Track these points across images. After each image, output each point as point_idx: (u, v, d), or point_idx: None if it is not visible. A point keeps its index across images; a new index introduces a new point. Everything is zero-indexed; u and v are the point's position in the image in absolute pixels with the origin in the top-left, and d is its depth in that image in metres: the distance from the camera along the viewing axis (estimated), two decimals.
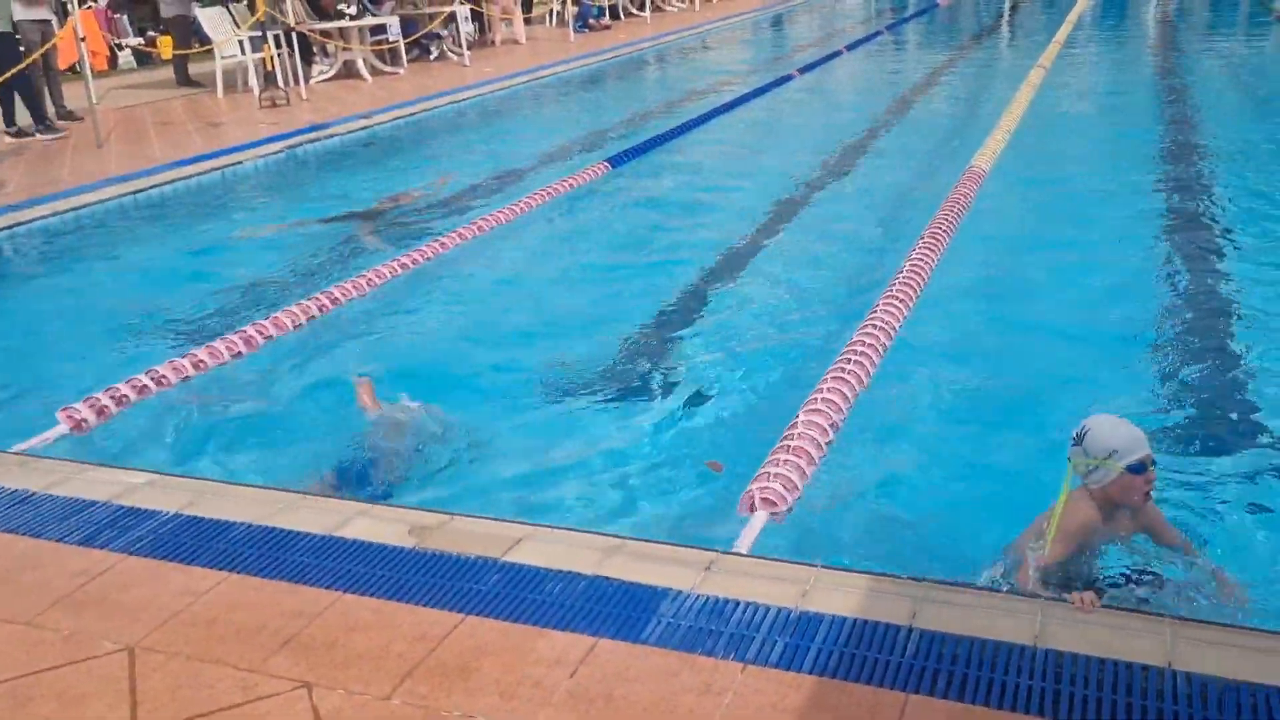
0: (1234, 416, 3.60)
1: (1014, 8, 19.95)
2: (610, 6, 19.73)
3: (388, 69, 13.67)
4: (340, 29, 12.98)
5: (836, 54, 13.81)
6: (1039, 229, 5.84)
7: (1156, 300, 4.72)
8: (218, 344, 4.13)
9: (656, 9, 21.07)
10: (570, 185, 6.88)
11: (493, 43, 16.89)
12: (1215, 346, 4.20)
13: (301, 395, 4.20)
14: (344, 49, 13.19)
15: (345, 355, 4.58)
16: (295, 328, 4.47)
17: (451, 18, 14.69)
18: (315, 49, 13.23)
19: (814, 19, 20.63)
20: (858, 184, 7.24)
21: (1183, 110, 9.00)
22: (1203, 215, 5.94)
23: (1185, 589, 2.48)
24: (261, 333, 4.30)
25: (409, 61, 14.04)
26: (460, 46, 14.69)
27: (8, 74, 8.69)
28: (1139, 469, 2.47)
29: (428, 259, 5.38)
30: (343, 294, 4.80)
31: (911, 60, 14.45)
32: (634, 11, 20.67)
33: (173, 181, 7.83)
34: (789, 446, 2.92)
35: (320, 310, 4.62)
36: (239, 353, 4.15)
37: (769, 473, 2.80)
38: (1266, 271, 5.01)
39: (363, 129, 9.84)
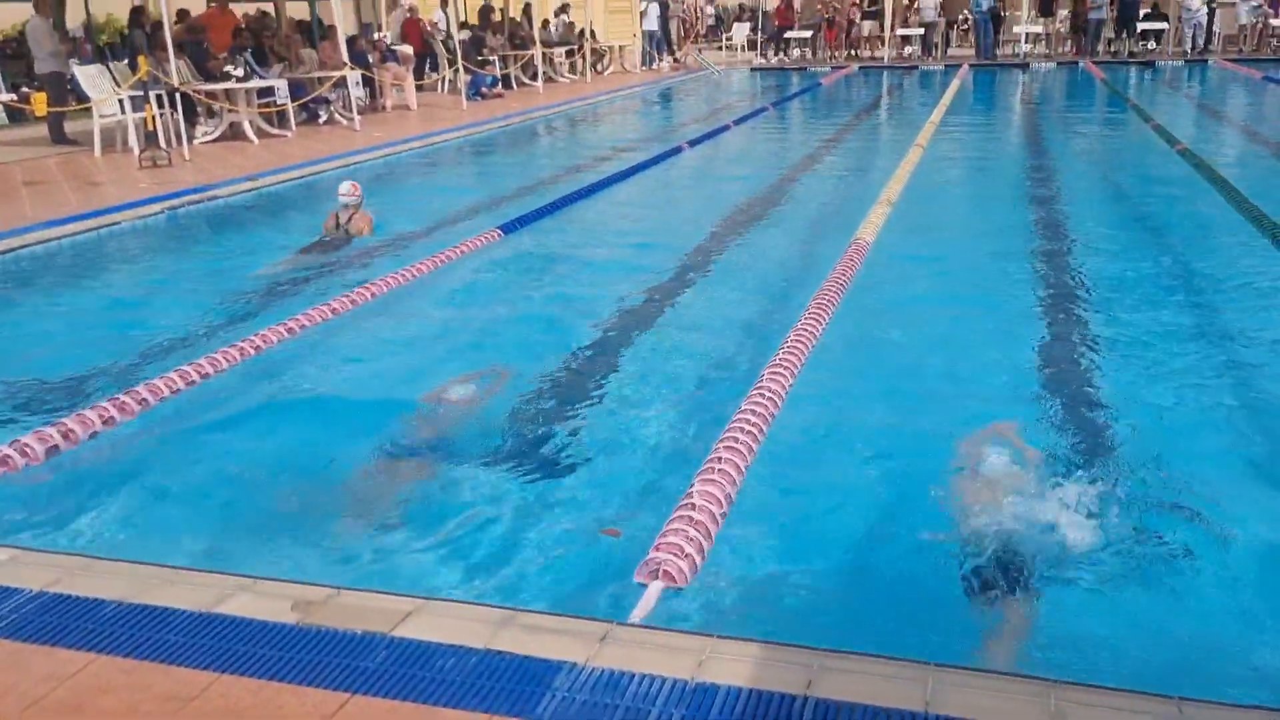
0: (1096, 472, 3.76)
1: (891, 90, 20.88)
2: (503, 76, 19.93)
3: (275, 131, 13.48)
4: (226, 90, 12.78)
5: (724, 128, 14.18)
6: (919, 297, 6.07)
7: (1031, 363, 4.96)
8: (89, 412, 3.94)
9: (548, 80, 21.37)
10: (461, 251, 6.85)
11: (384, 108, 16.85)
12: (1085, 402, 4.41)
13: (173, 468, 4.04)
14: (229, 110, 12.97)
15: (224, 424, 4.43)
16: (173, 394, 4.30)
17: (341, 82, 14.62)
18: (199, 109, 12.98)
19: (701, 94, 21.20)
20: (748, 253, 7.41)
21: (1048, 189, 9.51)
22: (1068, 281, 6.30)
23: None
24: (136, 399, 4.13)
25: (297, 125, 13.89)
26: (350, 111, 14.60)
27: None
28: None
29: (314, 324, 5.27)
30: (226, 359, 4.65)
31: (796, 136, 14.95)
32: (526, 81, 20.92)
33: (45, 241, 7.54)
34: (688, 518, 2.92)
35: (201, 376, 4.46)
36: (111, 419, 3.97)
37: (667, 543, 2.79)
38: (1123, 327, 5.39)
39: (248, 191, 9.65)
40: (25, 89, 15.12)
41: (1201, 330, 5.43)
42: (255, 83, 13.12)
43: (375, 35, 18.41)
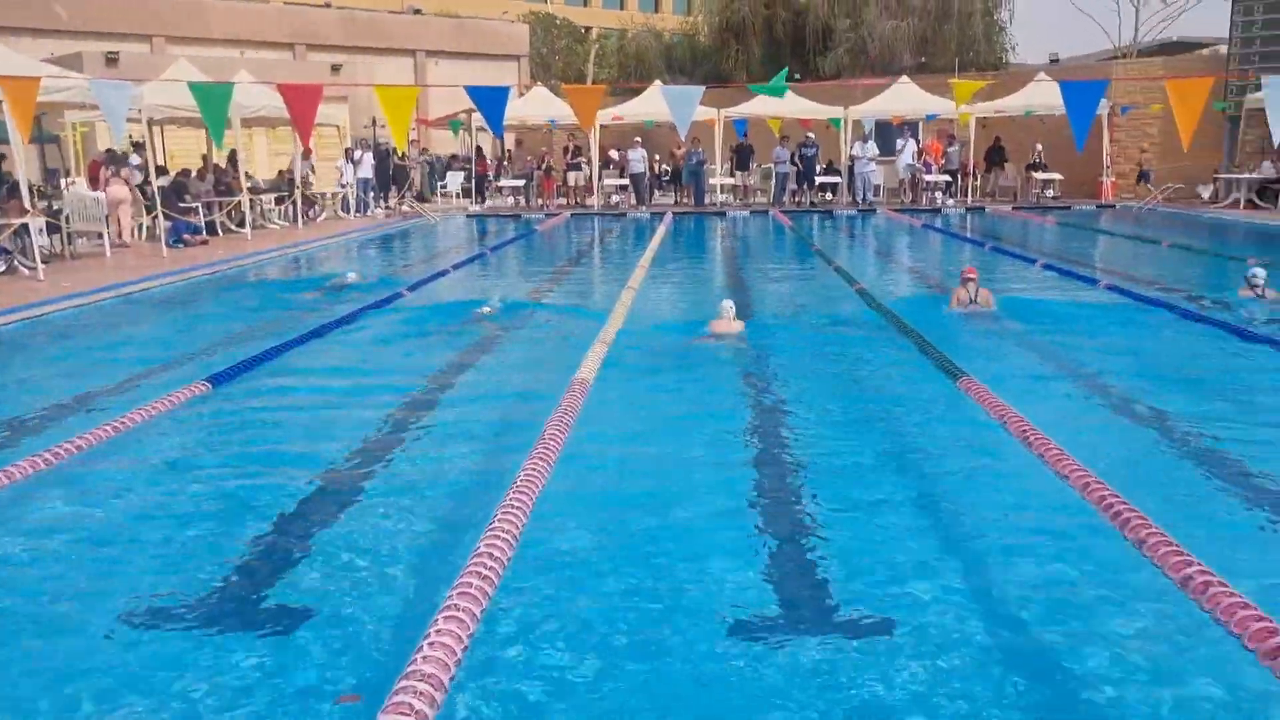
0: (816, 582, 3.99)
1: (604, 235, 21.91)
2: (208, 223, 19.21)
3: None
4: None
5: (443, 273, 14.29)
6: (640, 433, 6.28)
7: (746, 482, 5.25)
8: None
9: (258, 226, 20.80)
10: (164, 406, 6.42)
11: (74, 256, 15.73)
12: (795, 517, 4.69)
13: None
14: None
15: None
16: None
17: (24, 229, 13.54)
18: None
19: (421, 241, 21.31)
20: (467, 398, 7.41)
21: (750, 323, 10.23)
22: (769, 403, 6.75)
23: None
24: None
25: None
26: (33, 260, 13.51)
27: None
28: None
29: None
30: None
31: (515, 279, 15.28)
32: (233, 228, 20.24)
33: None
34: (417, 673, 2.81)
35: None
36: None
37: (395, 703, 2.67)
38: (815, 436, 5.86)
39: None
40: None
41: (880, 443, 6.02)
42: None
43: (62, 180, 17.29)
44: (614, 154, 29.07)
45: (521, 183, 28.49)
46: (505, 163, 30.30)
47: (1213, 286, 12.34)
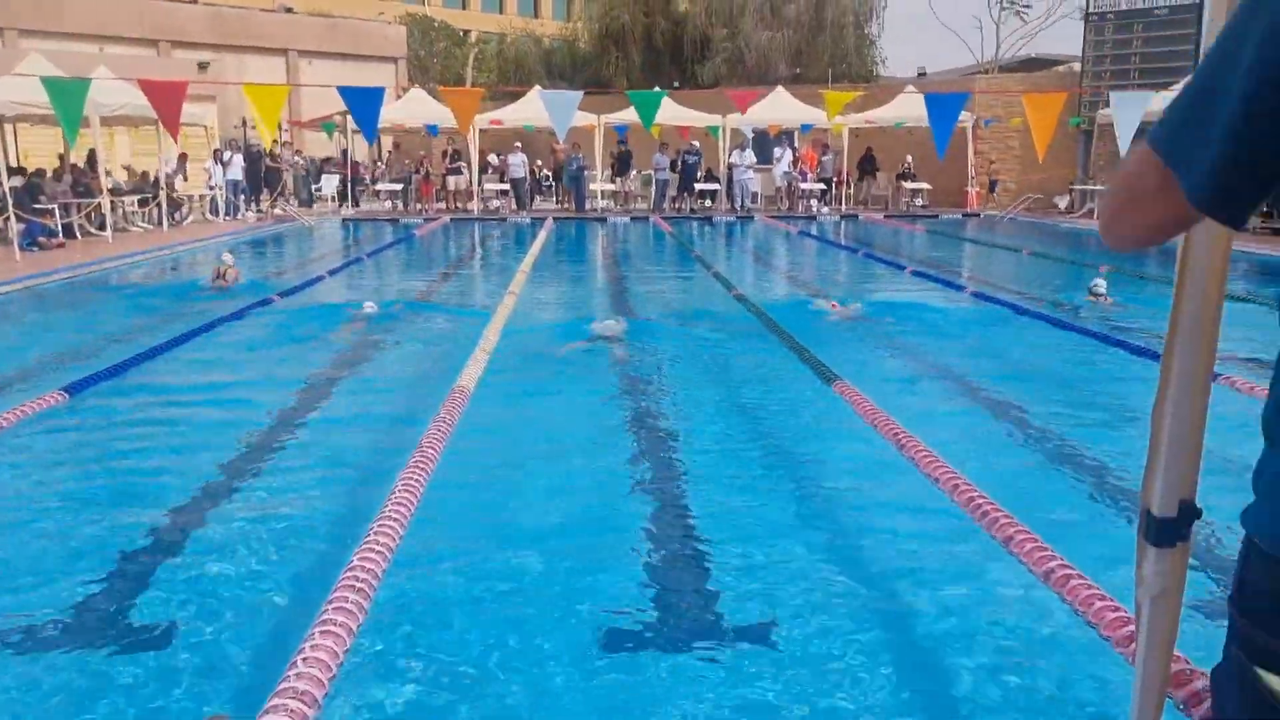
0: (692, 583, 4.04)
1: (484, 240, 21.71)
2: (64, 225, 18.30)
3: None
4: None
5: (319, 279, 13.94)
6: (522, 441, 6.24)
7: (626, 483, 5.26)
8: None
9: (120, 229, 19.92)
10: (15, 418, 6.08)
11: None
12: (679, 528, 4.72)
13: None
14: None
15: None
16: None
17: None
18: None
19: (296, 246, 20.74)
20: (343, 405, 7.24)
21: (630, 325, 10.29)
22: (648, 404, 6.79)
23: None
24: None
25: None
26: None
27: None
28: None
29: None
30: None
31: (392, 285, 15.01)
32: (92, 231, 19.34)
33: None
34: (290, 690, 2.72)
35: None
36: None
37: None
38: (698, 430, 5.94)
39: None
40: None
41: (756, 443, 6.14)
42: None
43: None
44: (494, 158, 28.86)
45: (399, 186, 28.03)
46: (383, 166, 29.90)
47: (1066, 291, 13.00)
